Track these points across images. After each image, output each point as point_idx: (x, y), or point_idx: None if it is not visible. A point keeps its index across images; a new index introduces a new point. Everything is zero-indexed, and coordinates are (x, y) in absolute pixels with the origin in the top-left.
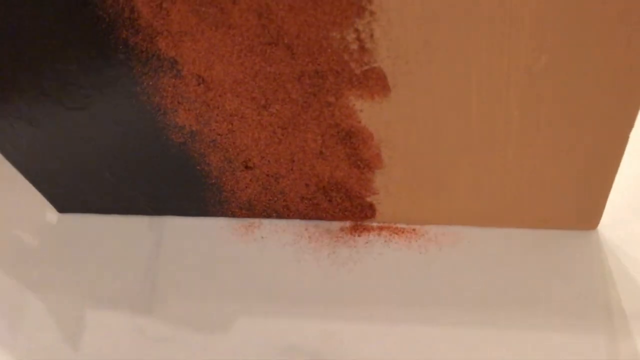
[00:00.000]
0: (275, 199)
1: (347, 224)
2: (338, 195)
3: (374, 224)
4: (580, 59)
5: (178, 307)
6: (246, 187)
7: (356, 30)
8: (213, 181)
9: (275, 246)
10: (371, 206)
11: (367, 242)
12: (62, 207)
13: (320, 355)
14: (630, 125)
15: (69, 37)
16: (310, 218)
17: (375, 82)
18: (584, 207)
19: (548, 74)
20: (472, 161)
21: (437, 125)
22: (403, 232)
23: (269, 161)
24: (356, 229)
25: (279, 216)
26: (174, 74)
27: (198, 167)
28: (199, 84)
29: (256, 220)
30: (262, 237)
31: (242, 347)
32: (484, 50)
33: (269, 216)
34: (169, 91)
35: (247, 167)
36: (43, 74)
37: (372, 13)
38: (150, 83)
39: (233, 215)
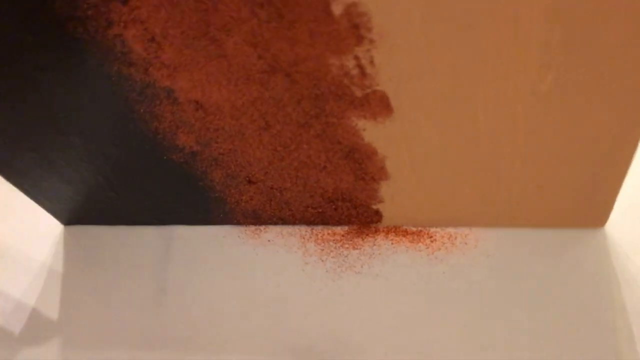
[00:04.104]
0: (281, 208)
1: (354, 227)
2: (344, 205)
3: (381, 227)
4: (587, 75)
5: (186, 310)
6: (250, 199)
7: (356, 57)
8: (217, 195)
9: (282, 249)
10: (377, 212)
11: (373, 245)
12: (67, 220)
13: (328, 357)
14: (637, 136)
15: (62, 69)
16: (316, 224)
17: (377, 104)
18: (591, 206)
19: (554, 91)
20: (479, 169)
21: (443, 140)
22: (410, 235)
23: (272, 176)
24: (363, 232)
25: (285, 223)
26: (171, 101)
27: (200, 183)
28: (197, 110)
29: (263, 224)
30: (269, 241)
31: (251, 351)
32: (490, 73)
33: (274, 223)
34: (167, 117)
35: (250, 181)
36: (37, 103)
37: (371, 41)
38: (147, 109)
39: (238, 223)
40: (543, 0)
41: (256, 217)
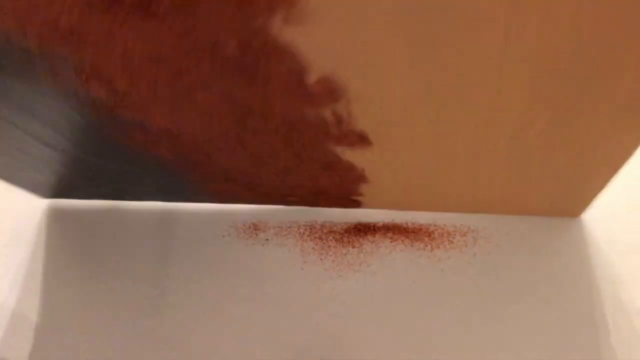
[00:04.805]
0: (260, 196)
1: (352, 225)
2: (323, 197)
3: (380, 224)
4: (577, 113)
5: (184, 309)
6: (230, 189)
7: (333, 109)
8: (197, 186)
9: (281, 248)
10: (356, 201)
11: (372, 243)
12: (49, 194)
13: (327, 356)
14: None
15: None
16: (297, 205)
17: (355, 139)
18: (570, 196)
19: (539, 136)
20: (461, 162)
21: (423, 162)
22: (408, 233)
23: (250, 177)
24: (361, 230)
25: (267, 204)
26: (141, 128)
27: (178, 179)
28: (169, 135)
29: (261, 223)
30: (267, 240)
31: (249, 349)
32: (471, 125)
33: (258, 204)
34: (138, 139)
35: (227, 180)
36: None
37: (348, 99)
38: (117, 131)
39: (220, 203)
40: (524, 61)
41: (238, 201)
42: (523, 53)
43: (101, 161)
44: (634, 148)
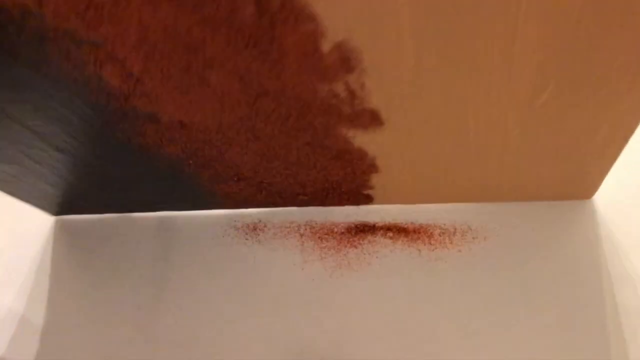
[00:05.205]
0: (272, 197)
1: (352, 225)
2: (334, 192)
3: (380, 224)
4: (583, 88)
5: (185, 310)
6: (240, 191)
7: (346, 83)
8: (207, 189)
9: (281, 248)
10: (368, 196)
11: (372, 243)
12: (56, 212)
13: (328, 356)
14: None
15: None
16: (308, 206)
17: (367, 118)
18: (581, 176)
19: (549, 103)
20: (471, 149)
21: (434, 141)
22: (408, 232)
23: (261, 174)
24: (361, 230)
25: (277, 206)
26: (154, 121)
27: (189, 182)
28: (181, 128)
29: (261, 223)
30: (267, 240)
31: (249, 349)
32: (482, 93)
33: (266, 207)
34: (150, 134)
35: (239, 179)
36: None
37: (362, 70)
38: (129, 127)
39: (229, 208)
40: (537, 25)
41: (247, 204)
42: (535, 15)
43: (111, 166)
44: (637, 122)
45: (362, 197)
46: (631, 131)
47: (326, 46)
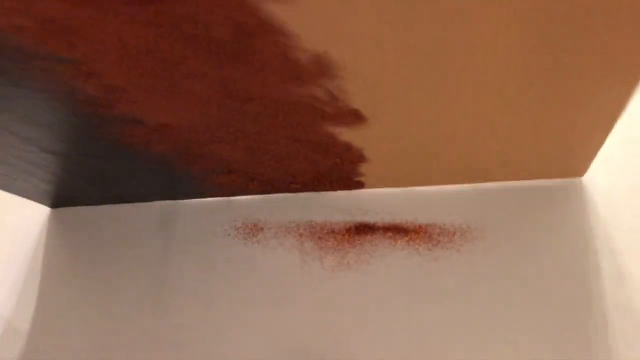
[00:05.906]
0: (264, 186)
1: (352, 224)
2: (326, 180)
3: (380, 224)
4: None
5: (184, 309)
6: (232, 182)
7: (327, 89)
8: (199, 180)
9: (280, 247)
10: (359, 182)
11: (372, 243)
12: (53, 203)
13: (327, 356)
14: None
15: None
16: (301, 192)
17: (350, 117)
18: (572, 153)
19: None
20: (460, 131)
21: (420, 133)
22: (408, 232)
23: (251, 166)
24: (361, 230)
25: (270, 193)
26: (140, 124)
27: (179, 174)
28: (168, 129)
29: (261, 223)
30: (267, 239)
31: (249, 349)
32: (470, 90)
33: (260, 194)
34: (138, 135)
35: (230, 171)
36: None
37: (342, 77)
38: (117, 130)
39: (224, 196)
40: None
41: (241, 193)
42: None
43: (102, 163)
44: (629, 96)
45: (353, 183)
46: (620, 112)
47: (305, 59)
